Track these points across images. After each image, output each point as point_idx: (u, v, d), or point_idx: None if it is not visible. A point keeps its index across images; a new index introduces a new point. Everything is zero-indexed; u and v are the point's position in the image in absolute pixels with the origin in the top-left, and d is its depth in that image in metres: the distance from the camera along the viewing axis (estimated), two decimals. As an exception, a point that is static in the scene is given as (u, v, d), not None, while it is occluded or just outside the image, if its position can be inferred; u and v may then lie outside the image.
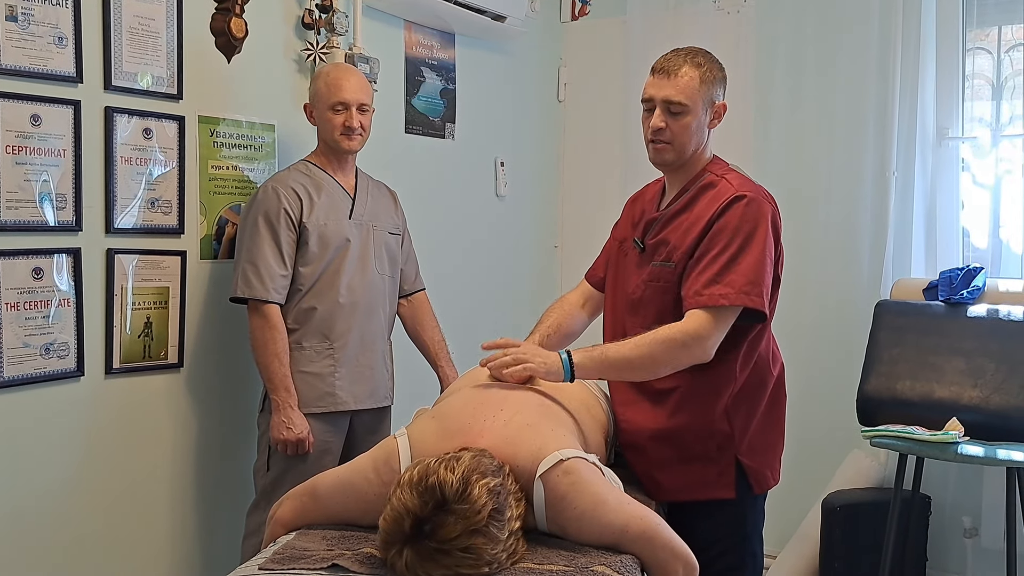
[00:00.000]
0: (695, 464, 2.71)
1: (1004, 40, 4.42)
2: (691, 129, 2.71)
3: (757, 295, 2.59)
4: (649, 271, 2.77)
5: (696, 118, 2.71)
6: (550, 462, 2.21)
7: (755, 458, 2.74)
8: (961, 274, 4.02)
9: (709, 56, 2.76)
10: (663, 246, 2.75)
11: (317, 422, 3.37)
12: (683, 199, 2.76)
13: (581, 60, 5.35)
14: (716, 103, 2.75)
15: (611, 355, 2.63)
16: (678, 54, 2.73)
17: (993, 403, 3.67)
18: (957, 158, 4.34)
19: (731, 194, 2.66)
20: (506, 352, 2.63)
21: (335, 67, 3.54)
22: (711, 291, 2.58)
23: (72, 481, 3.23)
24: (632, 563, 2.16)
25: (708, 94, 2.71)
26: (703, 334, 2.58)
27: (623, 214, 3.06)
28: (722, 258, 2.60)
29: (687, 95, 2.68)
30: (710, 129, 2.77)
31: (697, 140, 2.75)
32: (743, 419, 2.73)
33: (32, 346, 3.06)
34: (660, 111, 2.71)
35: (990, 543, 4.15)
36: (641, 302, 2.79)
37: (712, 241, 2.63)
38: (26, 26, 2.98)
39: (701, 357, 2.61)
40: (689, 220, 2.71)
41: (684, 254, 2.68)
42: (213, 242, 3.58)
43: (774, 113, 4.76)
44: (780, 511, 4.49)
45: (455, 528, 1.95)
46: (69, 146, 3.12)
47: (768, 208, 2.68)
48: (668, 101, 2.69)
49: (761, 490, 2.79)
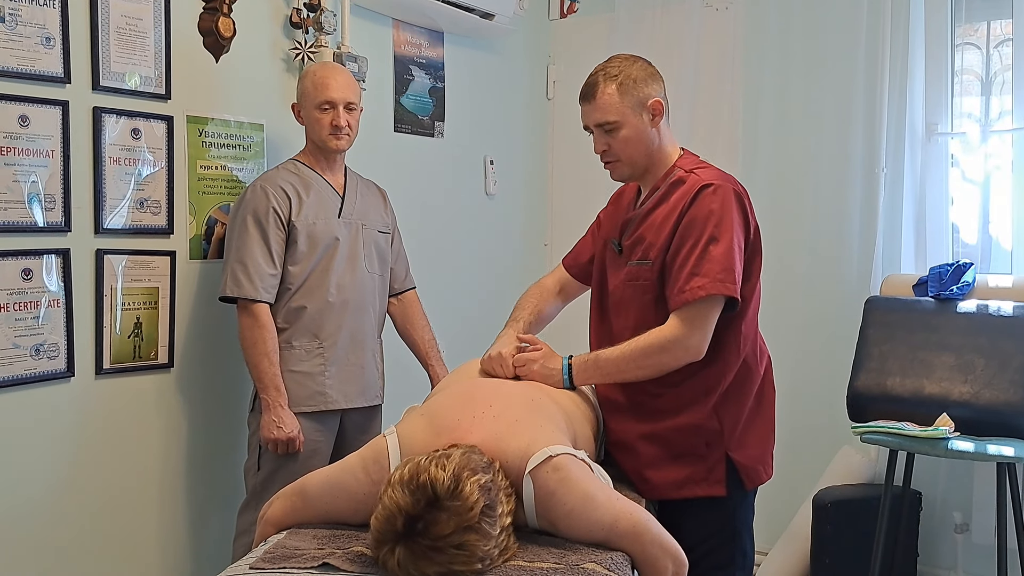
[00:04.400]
0: (685, 461, 2.71)
1: (993, 35, 4.42)
2: (632, 140, 2.73)
3: (731, 282, 2.60)
4: (627, 271, 2.79)
5: (632, 128, 2.72)
6: (539, 458, 2.21)
7: (746, 454, 2.74)
8: (951, 270, 4.02)
9: (626, 61, 2.76)
10: (639, 244, 2.77)
11: (307, 421, 3.37)
12: (655, 197, 2.77)
13: (570, 58, 5.35)
14: (649, 102, 2.72)
15: (603, 362, 2.70)
16: (595, 73, 2.74)
17: (983, 398, 3.68)
18: (946, 154, 4.34)
19: (699, 185, 2.68)
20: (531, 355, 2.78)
21: (322, 66, 3.54)
22: (691, 285, 2.59)
23: (62, 481, 3.22)
24: (622, 560, 2.16)
25: (634, 99, 2.70)
26: (682, 336, 2.61)
27: (609, 207, 3.07)
28: (696, 250, 2.61)
29: (612, 112, 2.70)
30: (656, 128, 2.76)
31: (645, 146, 2.75)
32: (732, 415, 2.73)
33: (22, 347, 3.06)
34: (597, 135, 2.76)
35: (981, 538, 4.16)
36: (622, 302, 2.81)
37: (685, 234, 2.65)
38: (13, 26, 2.98)
39: (691, 357, 2.63)
40: (662, 216, 2.72)
41: (660, 250, 2.70)
42: (202, 242, 3.58)
43: (762, 110, 4.76)
44: (771, 508, 4.49)
45: (448, 525, 1.95)
46: (57, 147, 3.12)
47: (734, 195, 2.68)
48: (598, 124, 2.73)
49: (753, 486, 2.79)
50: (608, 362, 2.68)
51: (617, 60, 2.76)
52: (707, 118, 4.85)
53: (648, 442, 2.73)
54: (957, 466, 4.19)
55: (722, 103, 4.84)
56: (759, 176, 4.77)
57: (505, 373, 2.75)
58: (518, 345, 2.83)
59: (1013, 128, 4.18)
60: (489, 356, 2.79)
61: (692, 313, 2.60)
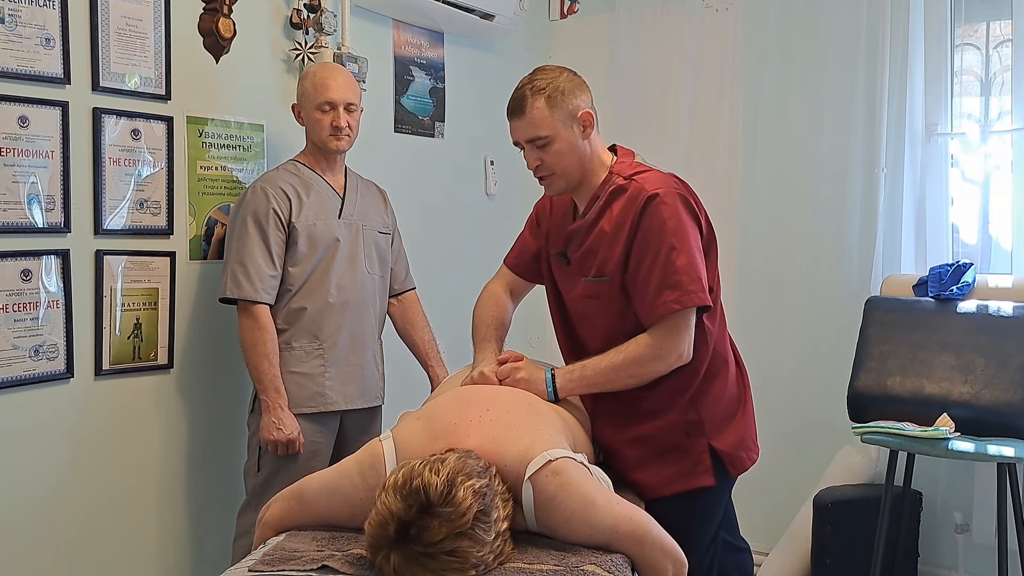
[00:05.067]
0: (669, 457, 2.72)
1: (993, 36, 4.41)
2: (565, 153, 2.69)
3: (701, 291, 2.61)
4: (584, 287, 2.77)
5: (563, 141, 2.68)
6: (538, 463, 2.21)
7: (727, 442, 2.76)
8: (951, 270, 4.02)
9: (553, 73, 2.71)
10: (590, 258, 2.74)
11: (307, 422, 3.37)
12: (596, 207, 2.74)
13: (570, 58, 5.30)
14: (579, 114, 2.69)
15: (590, 373, 2.68)
16: (521, 87, 2.70)
17: (983, 399, 3.68)
18: (946, 154, 4.34)
19: (644, 196, 2.65)
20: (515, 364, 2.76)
21: (322, 67, 3.54)
22: (664, 299, 2.59)
23: (62, 482, 3.22)
24: (622, 562, 2.16)
25: (564, 112, 2.66)
26: (669, 345, 2.62)
27: (543, 212, 3.02)
28: (659, 263, 2.60)
29: (542, 126, 2.66)
30: (587, 139, 2.73)
31: (578, 157, 2.72)
32: (710, 406, 2.75)
33: (21, 348, 3.06)
34: (528, 150, 2.72)
35: (981, 538, 4.15)
36: (586, 316, 2.81)
37: (643, 248, 2.63)
38: (13, 27, 2.98)
39: (682, 361, 2.66)
40: (611, 229, 2.70)
41: (617, 266, 2.68)
42: (202, 243, 3.58)
43: (762, 110, 4.76)
44: (771, 508, 4.51)
45: (440, 531, 1.94)
46: (57, 147, 3.12)
47: (681, 200, 2.67)
48: (529, 139, 2.69)
49: (738, 472, 2.81)
50: (596, 373, 2.67)
51: (543, 72, 2.72)
52: (707, 118, 4.85)
53: (632, 445, 2.76)
54: (957, 466, 4.19)
55: (722, 103, 4.83)
56: (759, 176, 4.77)
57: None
58: (499, 359, 2.82)
59: (1012, 128, 4.17)
60: (472, 379, 2.76)
61: (670, 323, 2.61)
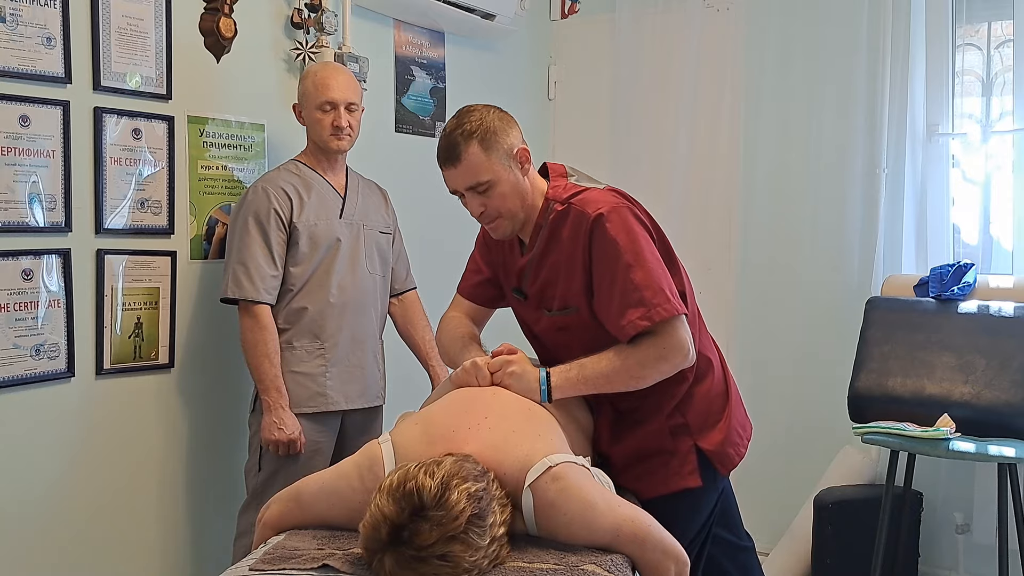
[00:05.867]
0: (655, 461, 2.67)
1: (994, 36, 4.42)
2: (508, 195, 2.59)
3: (666, 302, 2.49)
4: (550, 320, 2.69)
5: (505, 183, 2.58)
6: (538, 470, 2.19)
7: (713, 440, 2.69)
8: (952, 270, 4.02)
9: (479, 112, 2.58)
10: (549, 291, 2.66)
11: (308, 422, 3.37)
12: (542, 238, 2.65)
13: (571, 58, 5.35)
14: (514, 151, 2.59)
15: (589, 372, 2.55)
16: (450, 134, 2.56)
17: (984, 399, 3.68)
18: (947, 154, 4.34)
19: (588, 219, 2.54)
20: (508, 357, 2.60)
21: (323, 66, 3.54)
22: (629, 319, 2.49)
23: (63, 482, 3.22)
24: (623, 562, 2.15)
25: (500, 153, 2.56)
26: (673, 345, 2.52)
27: (488, 241, 2.90)
28: (618, 284, 2.51)
29: (482, 172, 2.55)
30: (525, 175, 2.63)
31: (520, 196, 2.62)
32: (696, 408, 2.68)
33: (22, 347, 3.06)
34: (469, 198, 2.62)
35: (982, 538, 4.16)
36: (560, 345, 2.69)
37: (600, 272, 2.54)
38: (14, 27, 2.98)
39: (686, 362, 2.57)
40: (562, 259, 2.61)
41: (581, 294, 2.59)
42: (203, 242, 3.58)
43: (763, 110, 4.77)
44: (772, 508, 4.51)
45: (431, 535, 1.92)
46: (58, 147, 3.12)
47: (628, 210, 2.58)
48: (469, 187, 2.58)
49: (727, 471, 2.74)
50: (597, 374, 2.55)
51: (469, 114, 2.58)
52: (708, 118, 4.85)
53: (618, 451, 2.70)
54: (958, 466, 4.19)
55: (723, 103, 4.84)
56: (760, 176, 4.78)
57: (481, 383, 2.57)
58: (494, 351, 2.68)
59: (1014, 129, 4.18)
60: (463, 368, 2.61)
61: (662, 328, 2.51)
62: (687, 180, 4.88)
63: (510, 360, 2.58)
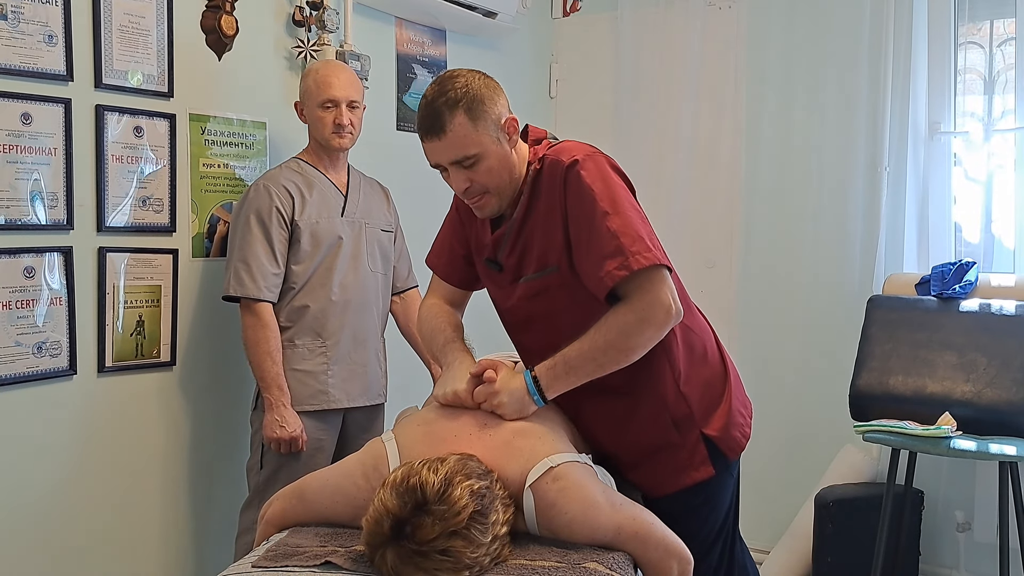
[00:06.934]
0: (662, 455, 2.51)
1: (996, 34, 4.42)
2: (495, 169, 2.39)
3: (647, 251, 2.30)
4: (525, 287, 2.48)
5: (493, 156, 2.37)
6: (539, 471, 2.18)
7: (717, 425, 2.53)
8: (953, 269, 4.02)
9: (464, 78, 2.37)
10: (527, 257, 2.46)
11: (310, 420, 3.37)
12: (522, 203, 2.45)
13: (573, 56, 5.35)
14: (502, 121, 2.38)
15: (574, 360, 2.35)
16: (432, 105, 2.34)
17: (985, 397, 3.68)
18: (949, 153, 4.34)
19: (562, 166, 2.37)
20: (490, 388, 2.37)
21: (324, 64, 3.54)
22: (607, 270, 2.29)
23: (65, 480, 3.22)
24: (624, 560, 2.15)
25: (488, 123, 2.35)
26: (652, 301, 2.30)
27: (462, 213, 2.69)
28: (595, 234, 2.31)
29: (470, 144, 2.34)
30: (513, 147, 2.42)
31: (508, 168, 2.41)
32: (697, 393, 2.52)
33: (24, 345, 3.06)
34: (454, 172, 2.40)
35: (983, 537, 4.16)
36: (533, 319, 2.52)
37: (577, 223, 2.34)
38: (16, 24, 2.98)
39: (675, 318, 2.34)
40: (542, 216, 2.42)
41: (562, 251, 2.39)
42: (205, 240, 3.58)
43: (765, 109, 4.77)
44: (773, 506, 4.51)
45: (433, 529, 1.92)
46: (60, 144, 3.12)
47: (602, 158, 2.41)
48: (455, 161, 2.37)
49: (736, 455, 2.57)
50: (582, 358, 2.34)
51: (453, 80, 2.36)
52: (710, 116, 4.86)
53: (622, 449, 2.55)
54: (959, 465, 4.19)
55: (725, 101, 4.84)
56: (762, 174, 4.77)
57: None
58: (472, 375, 2.40)
59: (1016, 127, 4.18)
60: (444, 395, 2.41)
61: (638, 282, 2.30)
62: (689, 178, 4.88)
63: (493, 391, 2.36)
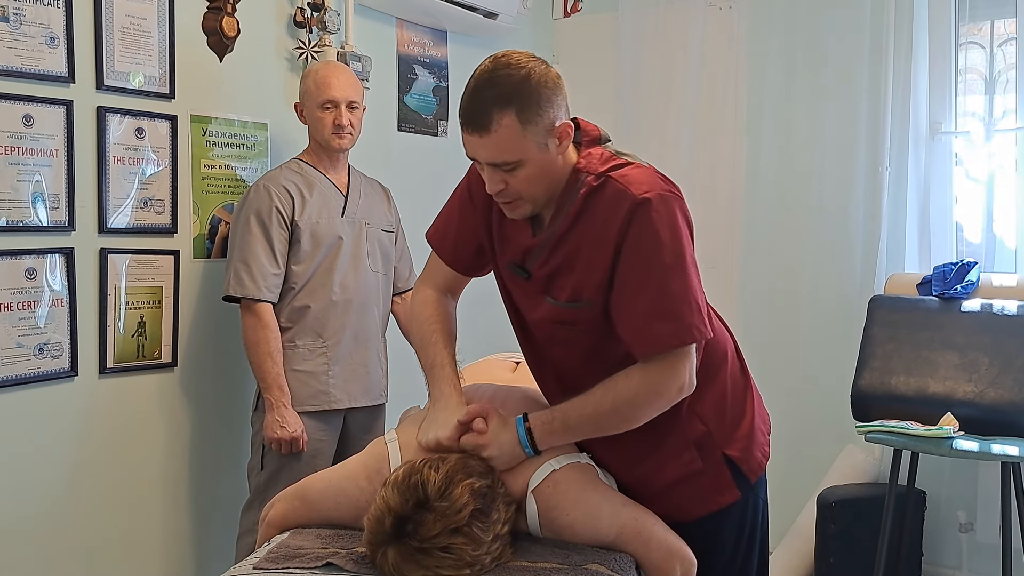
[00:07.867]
0: (685, 482, 2.33)
1: (997, 34, 4.41)
2: (534, 178, 2.14)
3: (702, 324, 2.16)
4: (553, 311, 2.26)
5: (535, 165, 2.13)
6: (542, 475, 2.19)
7: (739, 446, 2.37)
8: (955, 269, 4.02)
9: (521, 71, 2.12)
10: (562, 278, 2.22)
11: (311, 420, 3.37)
12: (567, 215, 2.20)
13: (573, 57, 5.34)
14: (556, 126, 2.13)
15: (574, 420, 2.20)
16: (480, 96, 2.12)
17: (987, 398, 3.67)
18: (950, 152, 4.33)
19: (631, 200, 2.11)
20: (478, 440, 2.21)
21: (324, 65, 3.54)
22: (657, 332, 2.12)
23: (66, 481, 3.22)
24: (627, 561, 2.15)
25: (539, 129, 2.10)
26: (670, 378, 2.16)
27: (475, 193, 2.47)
28: (651, 286, 2.12)
29: (511, 150, 2.10)
30: (562, 154, 2.18)
31: (549, 177, 2.17)
32: (714, 410, 2.35)
33: (25, 346, 3.06)
34: (490, 172, 2.16)
35: (985, 537, 4.15)
36: (555, 341, 2.32)
37: (632, 267, 2.13)
38: (17, 26, 2.98)
39: (687, 392, 2.21)
40: (586, 242, 2.18)
41: (600, 289, 2.17)
42: (206, 241, 3.58)
43: (766, 109, 4.76)
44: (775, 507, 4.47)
45: (435, 526, 1.92)
46: (61, 146, 3.12)
47: (676, 202, 2.17)
48: (493, 163, 2.14)
49: (756, 476, 2.41)
50: (583, 420, 2.20)
51: (508, 70, 2.12)
52: (711, 116, 4.85)
53: (641, 481, 2.35)
54: (961, 465, 4.19)
55: (726, 102, 4.83)
56: (763, 174, 4.77)
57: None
58: (460, 423, 2.22)
59: (1017, 127, 4.17)
60: (427, 442, 2.23)
61: (667, 356, 2.15)
62: (690, 178, 4.85)
63: (482, 444, 2.19)
